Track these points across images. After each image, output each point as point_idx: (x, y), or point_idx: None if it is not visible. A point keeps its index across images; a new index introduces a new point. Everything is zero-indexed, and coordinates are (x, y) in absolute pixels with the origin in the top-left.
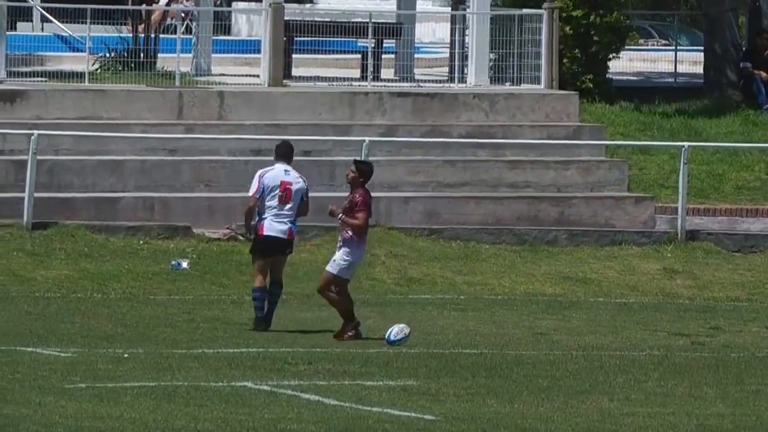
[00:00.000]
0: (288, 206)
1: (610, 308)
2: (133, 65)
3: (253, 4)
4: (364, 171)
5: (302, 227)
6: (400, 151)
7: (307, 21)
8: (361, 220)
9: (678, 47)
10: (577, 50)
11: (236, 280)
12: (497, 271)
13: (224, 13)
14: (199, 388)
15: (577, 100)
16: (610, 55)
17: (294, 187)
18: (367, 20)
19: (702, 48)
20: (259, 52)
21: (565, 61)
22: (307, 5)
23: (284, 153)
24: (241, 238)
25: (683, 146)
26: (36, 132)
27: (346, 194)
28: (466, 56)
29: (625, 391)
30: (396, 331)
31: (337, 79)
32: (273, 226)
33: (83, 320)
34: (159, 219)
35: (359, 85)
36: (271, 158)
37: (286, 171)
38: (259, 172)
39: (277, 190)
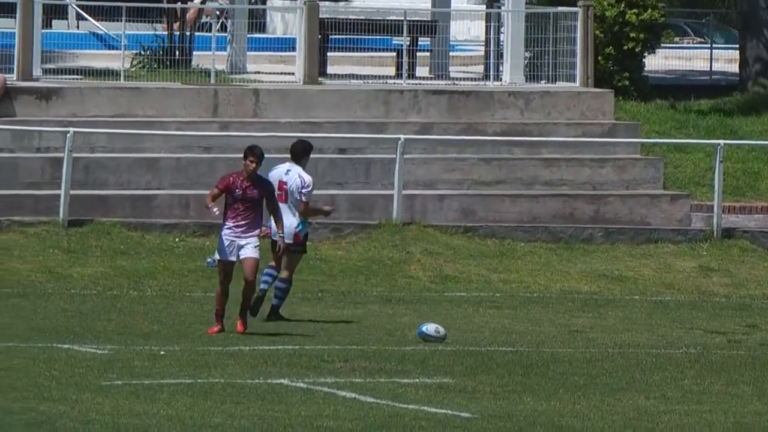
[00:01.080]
0: (286, 205)
1: (645, 306)
2: (168, 63)
3: (288, 2)
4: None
5: (338, 225)
6: (435, 149)
7: (342, 19)
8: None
9: (713, 45)
10: (612, 48)
11: None
12: (533, 269)
13: (259, 11)
14: (236, 386)
15: (612, 98)
16: (645, 53)
17: (288, 186)
18: (402, 18)
19: (737, 46)
20: (294, 49)
21: (599, 58)
22: (342, 3)
23: (293, 152)
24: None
25: (719, 144)
26: (72, 129)
27: (378, 192)
28: (502, 54)
29: (661, 388)
30: (433, 328)
31: (372, 76)
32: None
33: (119, 317)
34: (194, 216)
35: (394, 83)
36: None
37: (287, 171)
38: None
39: (277, 190)
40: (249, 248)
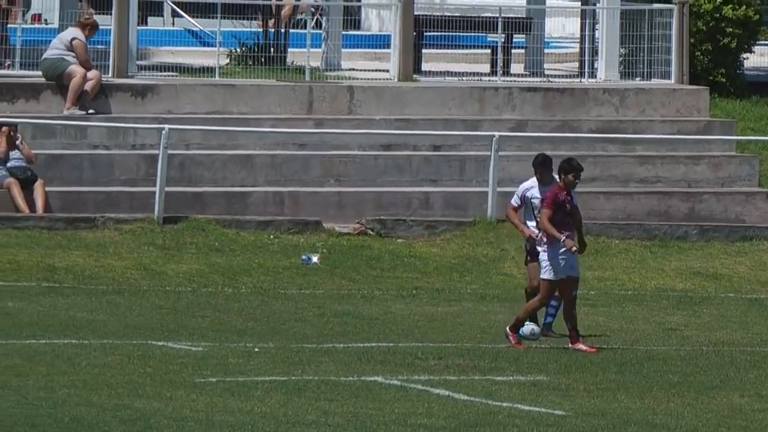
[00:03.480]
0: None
1: (740, 304)
2: (263, 60)
3: None
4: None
5: (433, 222)
6: (529, 146)
7: (437, 16)
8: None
9: None
10: (708, 44)
11: (366, 275)
12: (627, 267)
13: (354, 8)
14: (330, 383)
15: (707, 95)
16: (743, 51)
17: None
18: (497, 15)
19: None
20: (388, 46)
21: (698, 54)
22: (437, 0)
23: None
24: (371, 232)
25: None
26: (167, 126)
27: (472, 189)
28: (596, 51)
29: (756, 387)
30: (528, 329)
31: (466, 74)
32: None
33: (214, 314)
34: (289, 213)
35: (489, 80)
36: (400, 153)
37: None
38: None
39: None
40: (576, 264)
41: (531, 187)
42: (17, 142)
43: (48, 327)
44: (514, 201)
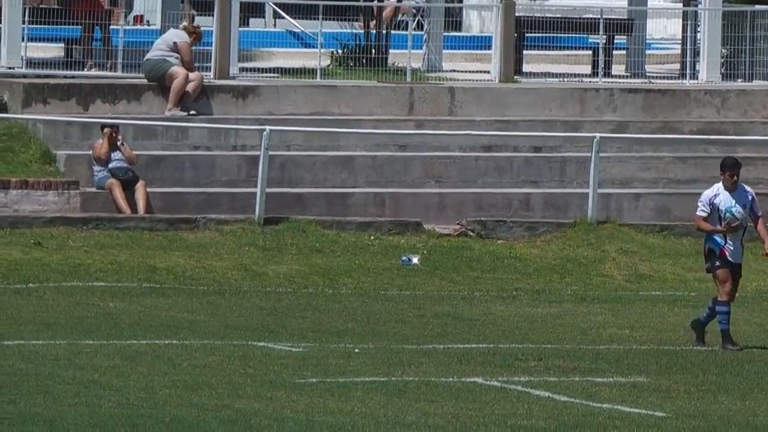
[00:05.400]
0: None
1: None
2: (364, 61)
3: (484, 0)
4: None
5: (533, 223)
6: (630, 147)
7: (538, 17)
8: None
9: None
10: None
11: (466, 276)
12: None
13: (455, 9)
14: (430, 384)
15: None
16: None
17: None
18: (598, 16)
19: None
20: (489, 48)
21: None
22: (538, 1)
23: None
24: (471, 233)
25: None
26: (268, 128)
27: (573, 190)
28: (698, 52)
29: None
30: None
31: (567, 75)
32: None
33: (314, 315)
34: (389, 214)
35: (590, 81)
36: (500, 154)
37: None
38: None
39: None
40: None
41: (716, 194)
42: (119, 144)
43: (149, 327)
44: (702, 211)
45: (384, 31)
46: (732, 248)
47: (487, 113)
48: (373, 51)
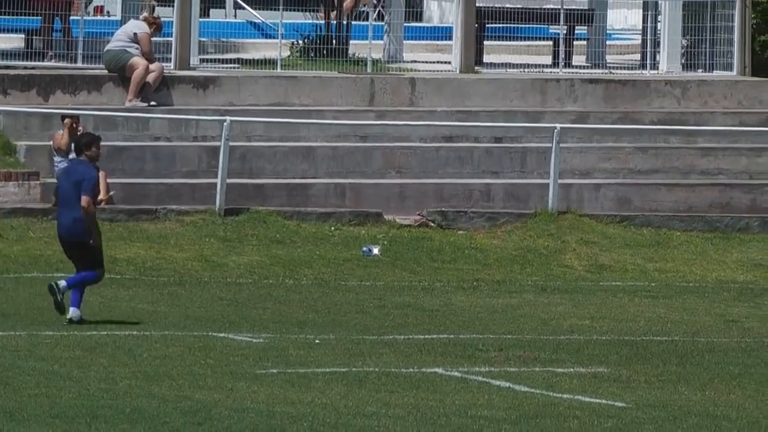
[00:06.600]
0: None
1: None
2: (325, 52)
3: None
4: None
5: (493, 213)
6: (591, 138)
7: (499, 8)
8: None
9: None
10: (766, 36)
11: (427, 266)
12: (688, 259)
13: (416, 0)
14: (390, 374)
15: None
16: None
17: None
18: (559, 7)
19: None
20: (450, 38)
21: (755, 46)
22: None
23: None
24: (432, 224)
25: None
26: (228, 118)
27: (533, 181)
28: (658, 43)
29: None
30: None
31: (528, 65)
32: None
33: (275, 306)
34: (350, 205)
35: (551, 72)
36: (461, 144)
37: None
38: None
39: None
40: None
41: None
42: (79, 134)
43: (109, 318)
44: None
45: (345, 22)
46: None
47: (447, 104)
48: (334, 42)
